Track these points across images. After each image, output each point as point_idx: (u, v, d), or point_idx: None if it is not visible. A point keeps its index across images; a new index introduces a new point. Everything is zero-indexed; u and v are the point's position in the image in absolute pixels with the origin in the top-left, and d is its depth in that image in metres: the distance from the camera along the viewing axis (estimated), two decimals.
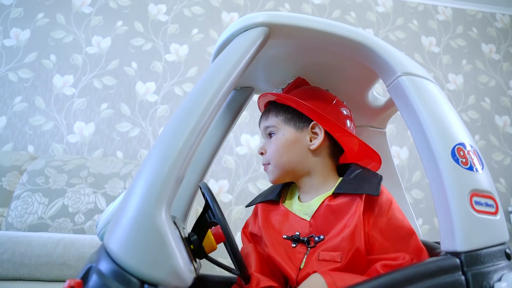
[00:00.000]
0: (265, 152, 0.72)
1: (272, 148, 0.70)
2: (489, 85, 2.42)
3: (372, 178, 0.65)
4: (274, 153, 0.70)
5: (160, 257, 0.41)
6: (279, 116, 0.72)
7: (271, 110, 0.74)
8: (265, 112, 0.75)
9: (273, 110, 0.73)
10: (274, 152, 0.70)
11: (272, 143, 0.71)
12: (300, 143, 0.70)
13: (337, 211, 0.62)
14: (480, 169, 0.54)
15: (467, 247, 0.48)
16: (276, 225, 0.68)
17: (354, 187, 0.63)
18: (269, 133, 0.73)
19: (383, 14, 2.45)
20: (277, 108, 0.73)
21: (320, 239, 0.62)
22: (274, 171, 0.70)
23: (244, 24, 0.58)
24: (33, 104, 1.95)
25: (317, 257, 0.59)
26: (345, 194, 0.63)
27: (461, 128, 0.57)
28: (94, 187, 1.54)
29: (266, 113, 0.74)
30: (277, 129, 0.71)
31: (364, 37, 0.62)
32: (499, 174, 2.23)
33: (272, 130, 0.72)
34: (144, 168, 0.45)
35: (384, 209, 0.61)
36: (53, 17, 2.10)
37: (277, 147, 0.70)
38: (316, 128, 0.70)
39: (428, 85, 0.60)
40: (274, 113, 0.73)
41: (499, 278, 0.46)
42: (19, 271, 1.03)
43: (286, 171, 0.70)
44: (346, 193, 0.63)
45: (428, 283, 0.45)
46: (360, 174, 0.67)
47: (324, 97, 0.73)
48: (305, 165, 0.70)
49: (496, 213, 0.52)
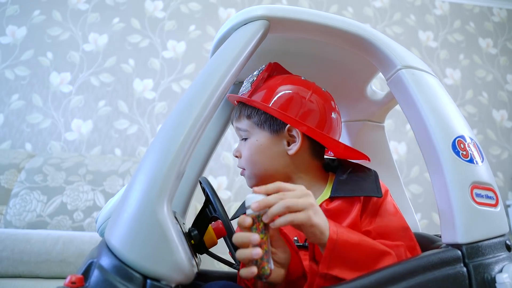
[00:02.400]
0: (240, 156, 0.66)
1: (245, 154, 0.65)
2: (487, 80, 2.43)
3: (368, 176, 0.63)
4: (248, 160, 0.64)
5: (162, 251, 0.41)
6: (252, 118, 0.65)
7: (242, 110, 0.66)
8: (236, 111, 0.68)
9: (244, 110, 0.66)
10: (248, 158, 0.64)
11: (245, 148, 0.65)
12: (276, 148, 0.63)
13: (336, 214, 0.59)
14: (480, 162, 0.54)
15: (468, 239, 0.48)
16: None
17: (352, 188, 0.60)
18: (242, 137, 0.67)
19: (380, 9, 2.45)
20: (248, 108, 0.66)
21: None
22: (251, 178, 0.65)
23: (244, 17, 0.58)
24: (30, 101, 1.94)
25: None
26: (342, 197, 0.61)
27: (461, 121, 0.57)
28: (93, 185, 1.54)
29: (237, 112, 0.67)
30: (249, 133, 0.65)
31: (364, 30, 0.62)
32: (497, 168, 2.24)
33: (245, 134, 0.66)
34: (145, 162, 0.45)
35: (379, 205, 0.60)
36: (49, 14, 2.08)
37: (250, 153, 0.64)
38: (293, 131, 0.63)
39: (428, 78, 0.60)
40: (245, 114, 0.66)
41: (500, 269, 0.47)
42: (19, 268, 1.03)
43: (264, 178, 0.63)
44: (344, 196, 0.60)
45: (430, 275, 0.46)
46: (354, 172, 0.64)
47: (299, 90, 0.65)
48: (285, 170, 0.64)
49: (496, 205, 0.52)
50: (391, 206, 0.61)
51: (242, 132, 0.67)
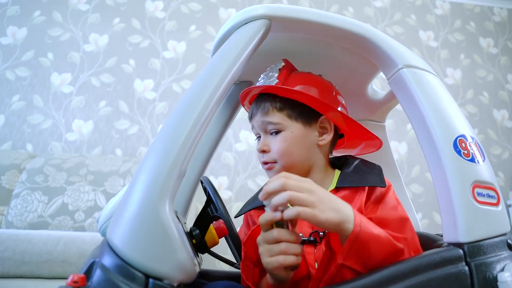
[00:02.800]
0: (269, 150, 0.65)
1: (280, 146, 0.64)
2: (487, 79, 2.43)
3: (372, 169, 0.65)
4: (283, 152, 0.64)
5: (165, 250, 0.41)
6: (284, 111, 0.65)
7: (271, 103, 0.66)
8: (260, 105, 0.67)
9: (273, 103, 0.66)
10: (283, 151, 0.64)
11: (278, 141, 0.65)
12: (309, 139, 0.66)
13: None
14: (482, 161, 0.54)
15: (470, 238, 0.48)
16: None
17: (357, 179, 0.62)
18: (272, 131, 0.66)
19: (381, 9, 2.44)
20: (278, 101, 0.66)
21: (324, 233, 0.60)
22: (285, 170, 0.64)
23: (245, 16, 0.58)
24: (31, 102, 1.94)
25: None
26: (348, 188, 0.63)
27: (463, 120, 0.57)
28: (94, 185, 1.54)
29: (263, 106, 0.67)
30: (283, 126, 0.65)
31: (365, 29, 0.62)
32: (498, 168, 2.23)
33: (276, 127, 0.65)
34: (147, 161, 0.45)
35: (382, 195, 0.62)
36: (49, 15, 2.08)
37: (286, 145, 0.64)
38: (325, 122, 0.67)
39: (429, 78, 0.60)
40: (275, 107, 0.66)
41: (502, 268, 0.47)
42: (20, 269, 1.03)
43: (295, 169, 0.64)
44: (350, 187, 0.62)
45: (432, 274, 0.46)
46: (359, 166, 0.66)
47: (323, 85, 0.69)
48: (311, 160, 0.67)
49: (498, 204, 0.52)
50: (393, 198, 0.62)
51: (273, 126, 0.66)
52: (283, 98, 0.66)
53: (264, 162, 0.66)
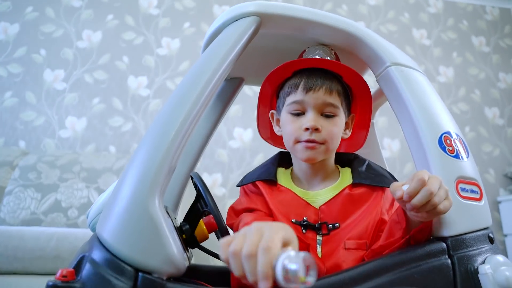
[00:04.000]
0: (321, 130, 0.63)
1: (332, 130, 0.64)
2: (479, 77, 2.45)
3: (385, 172, 0.68)
4: (333, 136, 0.64)
5: (154, 244, 0.42)
6: (341, 96, 0.66)
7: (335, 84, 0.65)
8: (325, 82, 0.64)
9: (336, 85, 0.65)
10: (334, 135, 0.64)
11: (332, 125, 0.64)
12: (342, 130, 0.68)
13: (357, 200, 0.63)
14: (466, 157, 0.55)
15: (453, 231, 0.50)
16: (281, 207, 0.63)
17: (373, 179, 0.64)
18: (328, 113, 0.64)
19: (374, 7, 2.46)
20: (339, 85, 0.66)
21: (335, 227, 0.61)
22: (325, 153, 0.65)
23: (235, 13, 0.58)
24: (23, 99, 1.93)
25: (344, 247, 0.59)
26: (365, 185, 0.64)
27: (448, 118, 0.58)
28: (87, 182, 1.54)
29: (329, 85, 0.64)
30: (339, 111, 0.65)
31: (355, 28, 0.63)
32: (488, 165, 2.26)
33: (333, 111, 0.64)
34: (137, 157, 0.45)
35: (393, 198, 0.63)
36: (42, 11, 2.07)
37: (337, 130, 0.65)
38: (350, 118, 0.71)
39: (416, 75, 0.61)
40: (338, 90, 0.65)
41: (482, 261, 0.48)
42: (13, 265, 1.03)
43: (329, 155, 0.67)
44: (367, 184, 0.64)
45: (416, 267, 0.47)
46: (370, 166, 0.68)
47: None
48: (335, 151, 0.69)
49: (481, 199, 0.53)
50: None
51: (332, 108, 0.64)
52: (340, 82, 0.66)
53: (311, 141, 0.63)
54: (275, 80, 0.69)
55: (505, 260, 0.48)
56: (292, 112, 0.65)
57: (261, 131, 0.77)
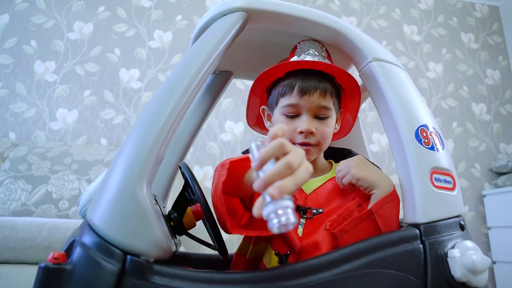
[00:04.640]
0: (315, 134, 0.66)
1: (325, 131, 0.67)
2: (467, 74, 2.50)
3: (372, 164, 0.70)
4: (327, 137, 0.67)
5: (142, 228, 0.44)
6: (333, 97, 0.68)
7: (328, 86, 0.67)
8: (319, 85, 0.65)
9: (329, 87, 0.67)
10: (327, 136, 0.67)
11: (325, 126, 0.67)
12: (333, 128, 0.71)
13: (343, 190, 0.66)
14: (441, 149, 0.58)
15: (426, 219, 0.53)
16: None
17: None
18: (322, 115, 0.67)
19: (366, 2, 2.48)
20: (331, 85, 0.67)
21: (318, 212, 0.64)
22: (318, 153, 0.69)
23: (223, 8, 0.60)
24: (14, 90, 1.92)
25: (324, 227, 0.61)
26: None
27: (425, 111, 0.61)
28: (78, 174, 1.55)
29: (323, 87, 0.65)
30: (331, 112, 0.68)
31: (339, 24, 0.65)
32: (475, 160, 2.31)
33: (327, 113, 0.67)
34: (126, 146, 0.47)
35: None
36: (32, 2, 2.05)
37: (330, 131, 0.68)
38: (339, 113, 0.73)
39: (396, 71, 0.64)
40: (331, 91, 0.67)
41: (452, 246, 0.51)
42: (4, 254, 1.04)
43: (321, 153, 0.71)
44: None
45: (389, 251, 0.50)
46: None
47: None
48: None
49: (454, 189, 0.56)
50: None
51: (325, 111, 0.67)
52: (332, 82, 0.69)
53: (306, 144, 0.66)
54: (267, 80, 0.72)
55: (473, 245, 0.51)
56: (286, 114, 0.67)
57: (249, 118, 0.80)
